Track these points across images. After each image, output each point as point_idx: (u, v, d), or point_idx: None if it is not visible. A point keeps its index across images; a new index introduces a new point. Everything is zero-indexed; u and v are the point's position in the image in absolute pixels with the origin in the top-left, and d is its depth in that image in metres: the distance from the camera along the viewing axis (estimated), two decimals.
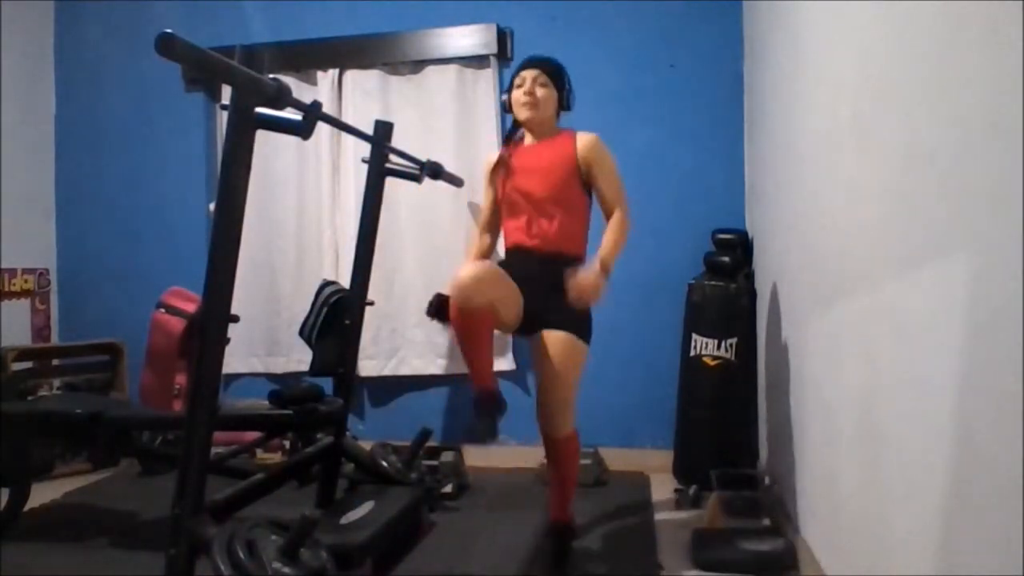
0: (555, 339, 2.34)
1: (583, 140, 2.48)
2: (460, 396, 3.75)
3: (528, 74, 2.47)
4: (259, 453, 3.61)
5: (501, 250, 2.76)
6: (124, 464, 3.66)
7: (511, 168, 2.52)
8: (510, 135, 2.64)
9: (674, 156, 3.52)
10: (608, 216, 2.49)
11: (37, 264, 4.02)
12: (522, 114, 2.49)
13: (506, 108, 2.58)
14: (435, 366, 3.72)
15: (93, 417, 2.67)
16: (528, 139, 2.57)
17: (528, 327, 2.41)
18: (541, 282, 2.36)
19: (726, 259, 3.19)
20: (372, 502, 2.53)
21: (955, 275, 1.14)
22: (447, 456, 3.32)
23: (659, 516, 2.89)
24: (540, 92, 2.46)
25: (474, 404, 2.32)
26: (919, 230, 1.30)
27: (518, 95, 2.48)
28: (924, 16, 1.27)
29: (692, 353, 3.17)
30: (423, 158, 3.10)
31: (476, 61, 3.65)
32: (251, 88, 1.72)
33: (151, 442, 3.35)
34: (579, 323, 2.37)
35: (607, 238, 2.43)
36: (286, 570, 1.70)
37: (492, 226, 2.68)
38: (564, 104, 2.55)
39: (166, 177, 4.00)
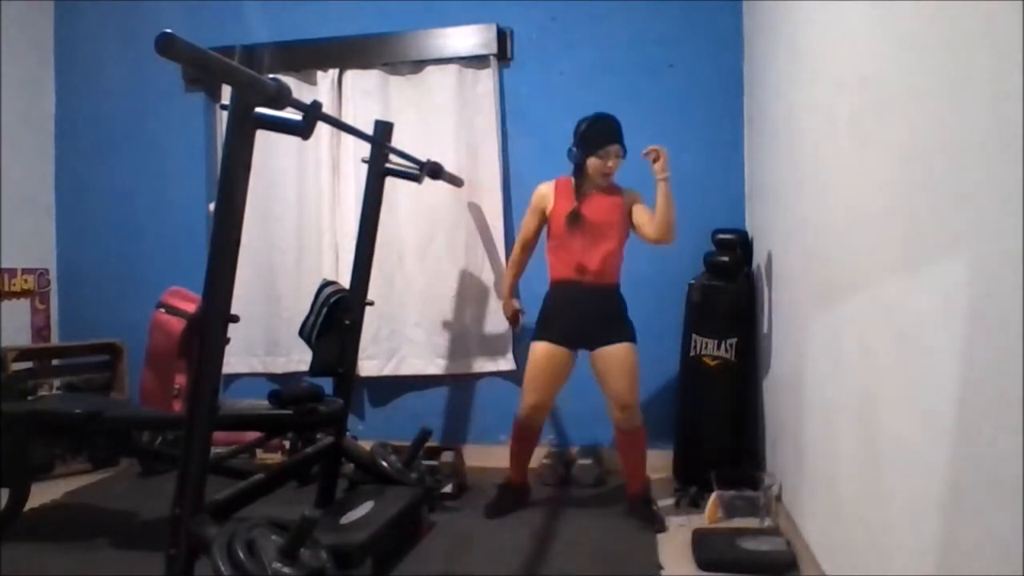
0: (619, 351, 2.83)
1: (629, 195, 2.94)
2: (460, 396, 3.75)
3: (613, 149, 2.84)
4: (259, 453, 3.61)
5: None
6: (124, 464, 3.66)
7: (569, 205, 2.87)
8: (577, 186, 2.92)
9: (674, 156, 3.47)
10: (648, 223, 2.89)
11: (37, 264, 4.02)
12: (601, 183, 2.88)
13: (573, 159, 2.90)
14: (435, 366, 3.72)
15: (93, 417, 2.67)
16: (584, 188, 2.92)
17: (587, 343, 2.88)
18: (595, 308, 2.86)
19: (726, 259, 3.18)
20: (372, 502, 2.53)
21: (955, 275, 1.14)
22: (447, 456, 3.32)
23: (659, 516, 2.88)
24: (617, 163, 2.87)
25: (502, 489, 3.05)
26: (919, 230, 1.30)
27: (600, 166, 2.84)
28: (924, 16, 1.27)
29: (692, 353, 3.17)
30: (423, 158, 3.11)
31: (476, 61, 3.65)
32: (251, 88, 1.72)
33: (151, 442, 3.36)
34: (632, 333, 2.89)
35: (663, 217, 2.85)
36: (286, 570, 1.71)
37: (532, 246, 3.08)
38: (624, 156, 2.91)
39: (166, 177, 4.00)
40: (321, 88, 3.75)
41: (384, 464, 2.88)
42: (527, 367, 2.93)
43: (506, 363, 3.63)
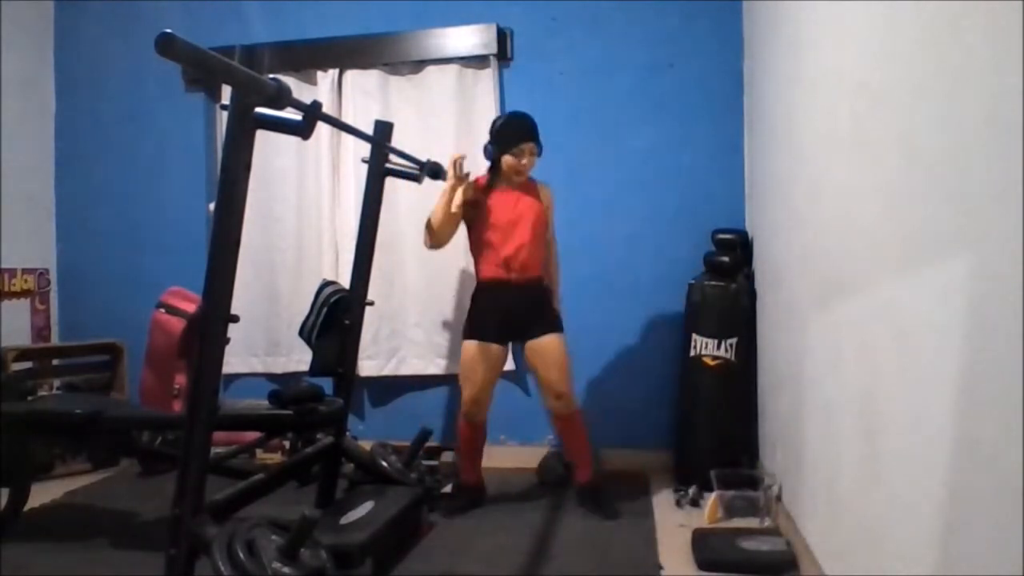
0: (548, 342, 2.91)
1: (544, 191, 3.00)
2: (460, 396, 3.75)
3: (528, 147, 2.86)
4: (259, 453, 3.61)
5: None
6: (124, 464, 3.66)
7: (492, 208, 2.91)
8: (491, 182, 2.94)
9: (674, 156, 3.52)
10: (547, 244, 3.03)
11: (37, 264, 4.02)
12: (516, 179, 2.90)
13: (487, 155, 2.92)
14: (435, 366, 3.72)
15: (93, 417, 2.67)
16: (500, 184, 2.93)
17: (517, 338, 2.97)
18: (522, 304, 2.92)
19: (726, 259, 3.19)
20: (372, 502, 2.53)
21: (955, 275, 1.14)
22: (447, 456, 3.32)
23: (659, 516, 2.88)
24: (531, 161, 2.90)
25: (458, 489, 3.07)
26: (919, 230, 1.30)
27: (514, 163, 2.87)
28: (924, 16, 1.27)
29: (692, 353, 3.17)
30: (423, 158, 3.11)
31: (476, 61, 3.65)
32: (251, 88, 1.72)
33: (151, 442, 3.36)
34: (558, 323, 2.97)
35: (553, 272, 3.10)
36: (286, 570, 1.71)
37: (457, 218, 2.93)
38: (539, 154, 2.93)
39: (166, 177, 4.00)
40: (321, 88, 3.75)
41: (384, 464, 2.88)
42: (460, 365, 3.00)
43: (506, 363, 3.62)
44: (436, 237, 2.90)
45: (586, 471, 2.99)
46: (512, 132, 2.87)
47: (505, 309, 2.91)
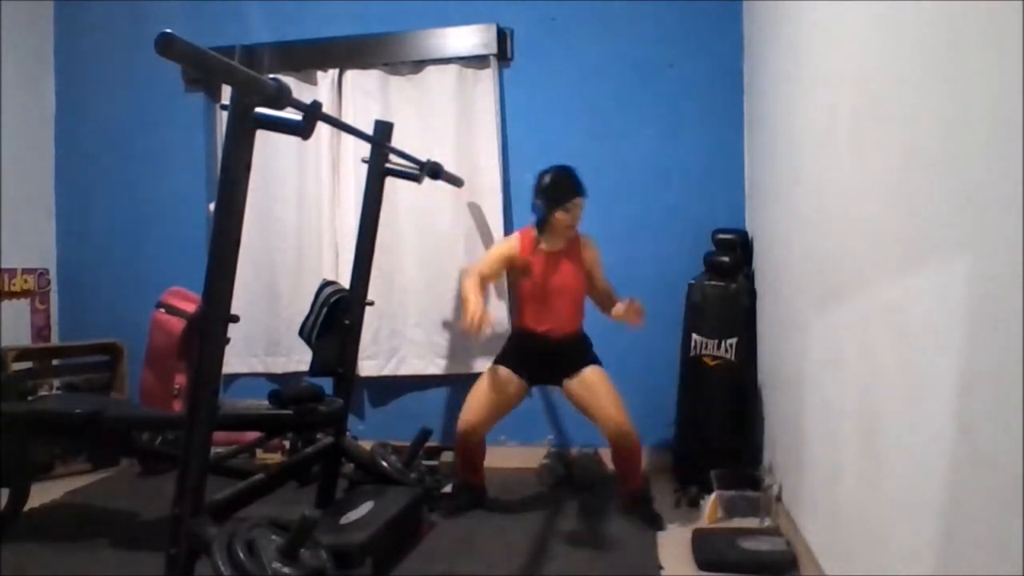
0: (590, 374, 2.87)
1: (588, 246, 2.98)
2: (460, 396, 3.74)
3: (579, 202, 2.85)
4: (259, 453, 3.61)
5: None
6: (124, 464, 3.66)
7: (535, 272, 2.89)
8: (538, 239, 2.92)
9: (674, 156, 3.52)
10: (604, 294, 2.99)
11: (37, 264, 4.02)
12: (566, 236, 2.90)
13: (535, 211, 2.88)
14: (435, 366, 3.72)
15: (93, 417, 2.67)
16: (545, 240, 2.91)
17: (552, 379, 2.95)
18: (558, 352, 2.90)
19: (726, 259, 3.18)
20: (372, 502, 2.53)
21: (955, 275, 1.14)
22: (447, 456, 3.32)
23: (659, 516, 2.88)
24: (579, 215, 2.88)
25: (458, 488, 3.02)
26: (919, 230, 1.30)
27: (567, 219, 2.84)
28: (924, 16, 1.27)
29: (692, 353, 3.17)
30: (423, 158, 3.11)
31: (476, 61, 3.65)
32: (251, 88, 1.72)
33: (151, 442, 3.36)
34: (595, 358, 2.95)
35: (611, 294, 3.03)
36: (286, 570, 1.71)
37: (494, 278, 3.03)
38: None
39: (166, 177, 4.00)
40: (321, 88, 3.75)
41: (384, 464, 2.88)
42: (477, 383, 2.93)
43: None
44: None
45: (636, 481, 2.95)
46: (565, 188, 2.84)
47: (542, 352, 2.90)
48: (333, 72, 3.76)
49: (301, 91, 3.67)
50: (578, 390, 2.86)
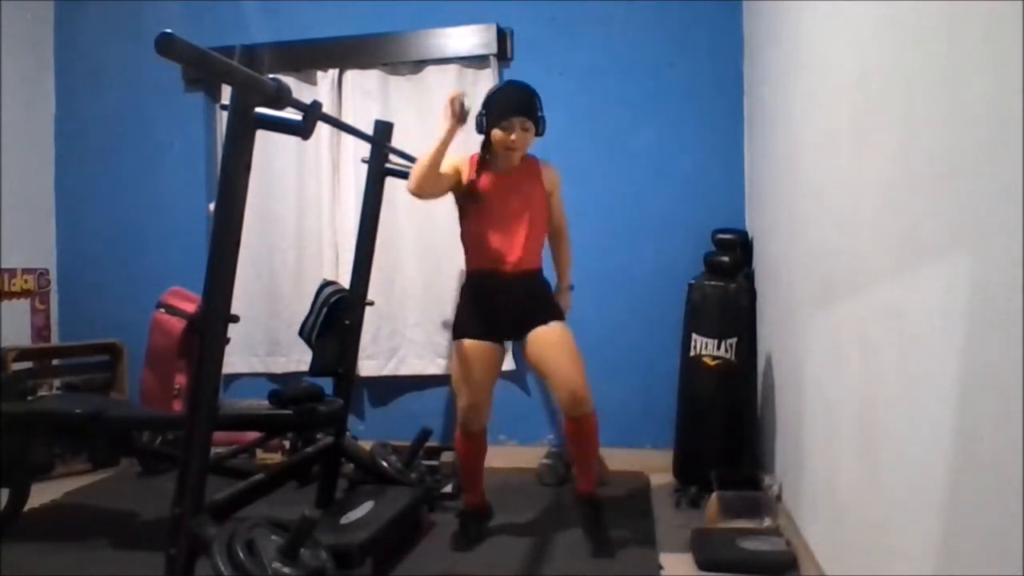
0: (551, 331, 2.56)
1: (548, 171, 2.67)
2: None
3: (517, 122, 2.48)
4: (259, 453, 3.61)
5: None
6: (124, 464, 3.66)
7: (485, 196, 2.57)
8: (483, 161, 2.59)
9: (674, 156, 3.52)
10: (555, 231, 2.77)
11: (37, 264, 4.02)
12: (507, 159, 2.55)
13: (479, 128, 2.56)
14: (435, 366, 3.72)
15: (93, 417, 2.67)
16: (497, 163, 2.58)
17: (514, 334, 2.63)
18: (518, 296, 2.58)
19: (726, 259, 3.19)
20: (372, 502, 2.53)
21: (955, 275, 1.14)
22: (447, 456, 3.32)
23: (659, 516, 2.88)
24: (523, 136, 2.51)
25: (463, 516, 2.72)
26: (919, 230, 1.30)
27: (503, 138, 2.50)
28: (924, 16, 1.27)
29: (692, 353, 3.17)
30: None
31: (476, 61, 3.65)
32: (251, 88, 1.72)
33: (151, 442, 3.36)
34: (559, 312, 2.65)
35: (563, 259, 2.84)
36: (286, 570, 1.71)
37: (441, 176, 2.53)
38: (538, 132, 2.57)
39: (166, 177, 4.00)
40: (321, 88, 3.75)
41: (384, 464, 2.88)
42: (455, 367, 2.63)
43: (506, 363, 3.62)
44: (418, 184, 2.46)
45: (588, 481, 2.68)
46: (501, 104, 2.49)
47: (498, 302, 2.56)
48: (333, 72, 3.76)
49: (301, 91, 3.67)
50: (536, 348, 2.54)
